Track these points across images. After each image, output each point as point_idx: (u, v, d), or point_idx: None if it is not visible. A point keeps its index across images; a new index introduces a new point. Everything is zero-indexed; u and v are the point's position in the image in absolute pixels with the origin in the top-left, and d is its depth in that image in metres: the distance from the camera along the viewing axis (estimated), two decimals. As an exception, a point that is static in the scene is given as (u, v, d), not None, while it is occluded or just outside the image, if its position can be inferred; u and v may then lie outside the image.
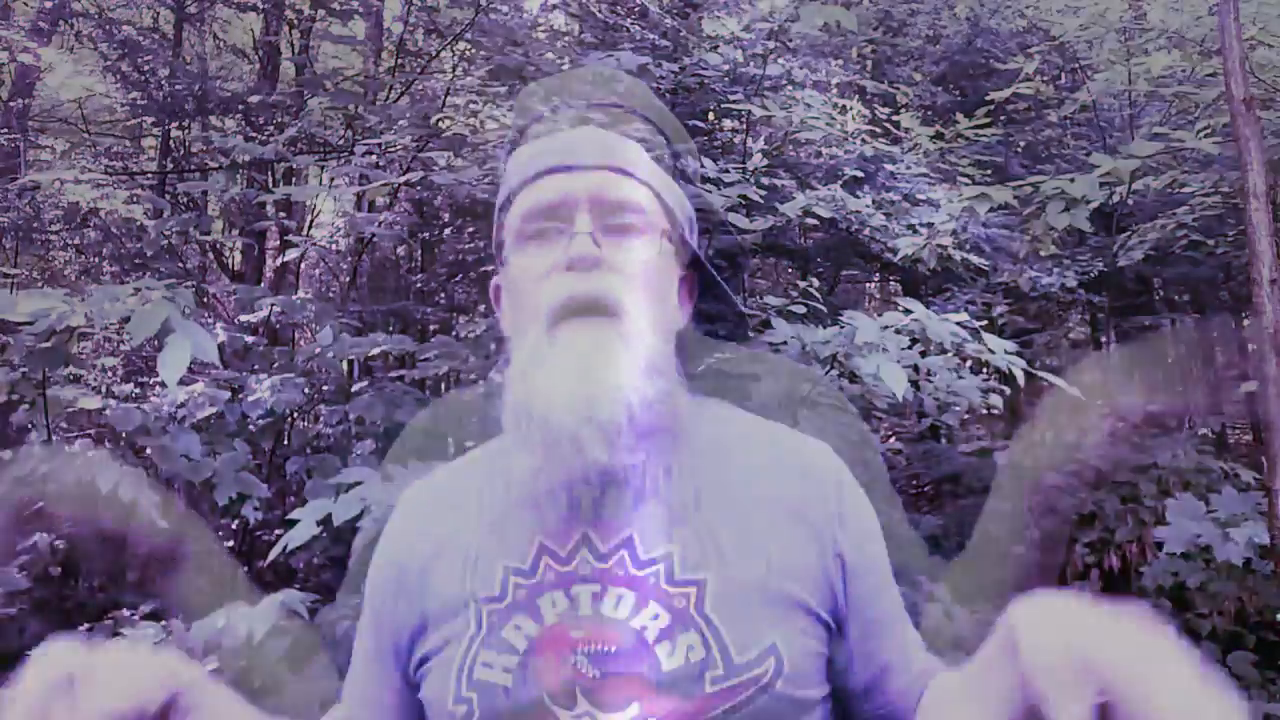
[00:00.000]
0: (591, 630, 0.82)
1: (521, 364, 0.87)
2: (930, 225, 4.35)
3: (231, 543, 5.49)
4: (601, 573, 0.84)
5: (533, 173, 0.94)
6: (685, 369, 0.94)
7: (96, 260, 7.41)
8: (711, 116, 5.71)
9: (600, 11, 5.65)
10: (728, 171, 3.74)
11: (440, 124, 4.88)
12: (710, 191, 3.51)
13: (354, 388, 3.99)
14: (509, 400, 0.88)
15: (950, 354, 2.99)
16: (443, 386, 6.40)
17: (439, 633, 0.88)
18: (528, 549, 0.87)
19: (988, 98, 5.00)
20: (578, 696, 0.80)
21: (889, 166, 5.35)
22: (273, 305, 4.11)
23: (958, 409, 3.39)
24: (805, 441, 0.97)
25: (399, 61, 5.67)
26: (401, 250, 8.06)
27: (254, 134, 5.73)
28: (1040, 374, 3.14)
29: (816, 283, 4.23)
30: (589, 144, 0.96)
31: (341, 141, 5.72)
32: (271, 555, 2.66)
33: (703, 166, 3.68)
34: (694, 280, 1.03)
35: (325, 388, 4.17)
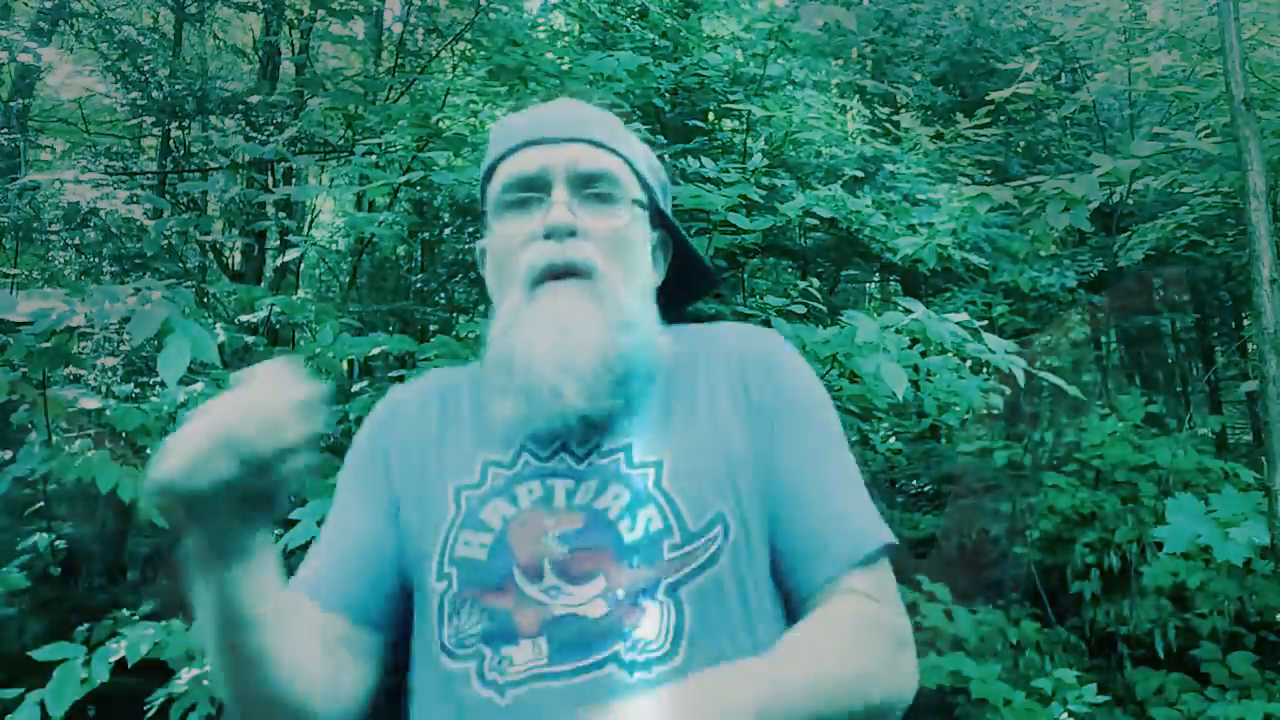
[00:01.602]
0: (561, 516, 0.91)
1: (503, 322, 0.96)
2: (930, 225, 4.35)
3: (231, 543, 5.48)
4: (575, 471, 0.93)
5: (513, 144, 1.02)
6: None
7: (96, 260, 7.41)
8: (711, 116, 5.71)
9: (600, 11, 5.65)
10: (728, 171, 3.73)
11: (440, 124, 4.88)
12: (710, 191, 3.50)
13: (354, 388, 3.98)
14: (491, 355, 0.97)
15: (950, 354, 2.99)
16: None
17: (420, 511, 0.97)
18: (507, 448, 0.97)
19: (988, 98, 4.99)
20: (545, 570, 0.88)
21: (889, 166, 5.35)
22: (273, 305, 4.10)
23: (958, 409, 3.39)
24: (741, 328, 1.08)
25: (399, 61, 5.67)
26: (401, 250, 8.05)
27: (254, 134, 5.72)
28: (1040, 374, 3.14)
29: (816, 283, 4.23)
30: (565, 117, 1.04)
31: (341, 141, 5.71)
32: (271, 555, 2.65)
33: (701, 165, 3.67)
34: (667, 240, 1.11)
35: (325, 388, 4.16)
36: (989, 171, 6.36)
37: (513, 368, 0.92)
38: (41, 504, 4.39)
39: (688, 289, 1.16)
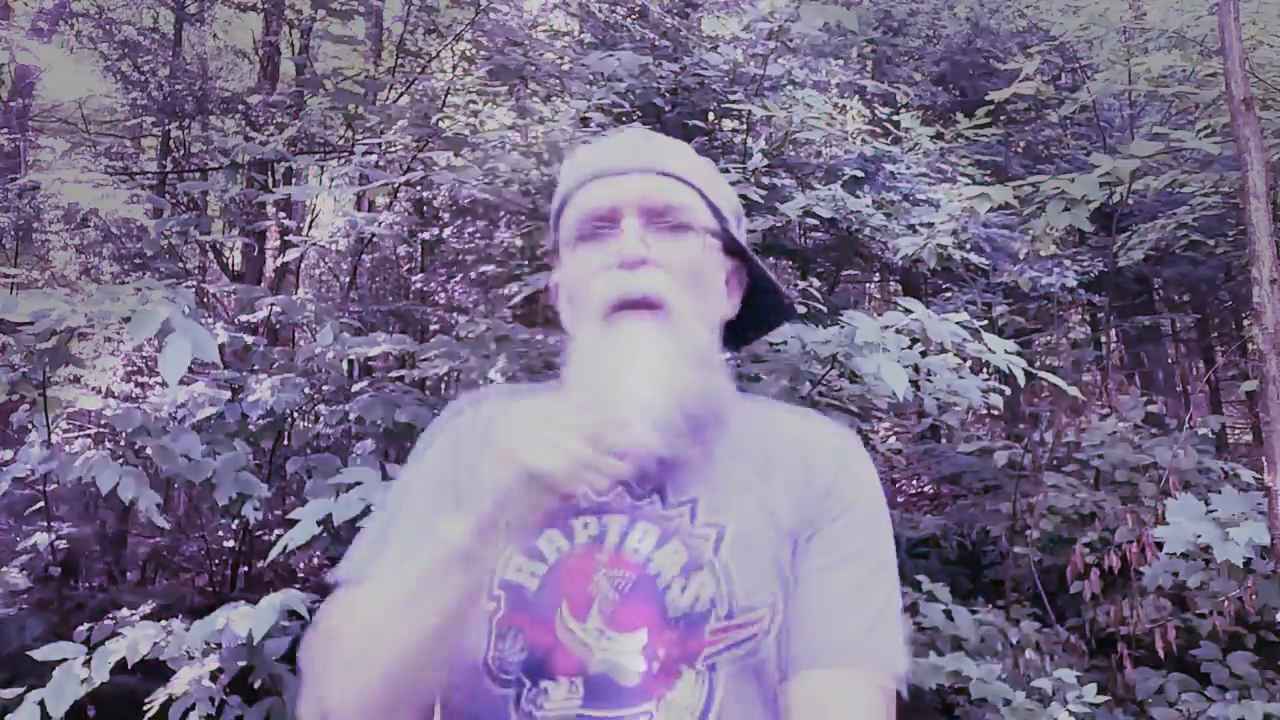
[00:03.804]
0: (614, 558, 0.90)
1: (578, 357, 0.94)
2: (930, 225, 4.35)
3: (231, 543, 5.49)
4: (633, 509, 0.93)
5: (585, 177, 1.01)
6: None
7: (96, 260, 7.41)
8: (711, 116, 5.71)
9: (600, 11, 5.65)
10: (728, 171, 3.74)
11: (440, 124, 4.88)
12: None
13: (354, 388, 3.98)
14: (569, 389, 0.94)
15: (950, 354, 2.99)
16: (443, 386, 6.40)
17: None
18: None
19: (988, 98, 4.99)
20: (593, 612, 0.88)
21: (889, 166, 5.35)
22: (273, 305, 4.11)
23: (958, 409, 3.39)
24: (829, 423, 1.05)
25: (399, 61, 5.67)
26: (401, 250, 8.06)
27: (254, 134, 5.72)
28: (1040, 374, 3.14)
29: (816, 283, 4.23)
30: (636, 149, 1.03)
31: (341, 141, 5.72)
32: (271, 555, 2.66)
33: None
34: (741, 270, 1.08)
35: (325, 388, 4.17)
36: (989, 171, 6.36)
37: (587, 405, 0.90)
38: (41, 504, 4.39)
39: (761, 319, 1.14)
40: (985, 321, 4.84)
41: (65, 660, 2.50)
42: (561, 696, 0.86)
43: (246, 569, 5.10)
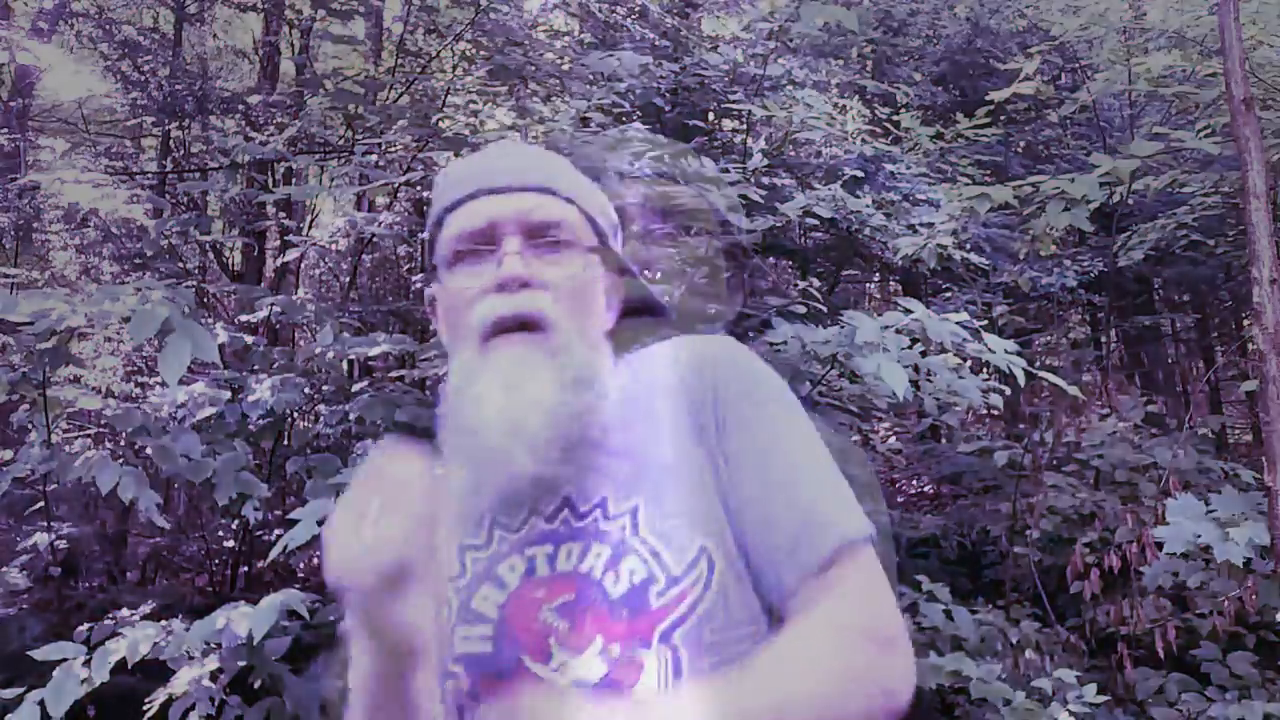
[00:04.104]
0: (551, 586, 0.89)
1: (456, 381, 0.94)
2: (930, 225, 4.35)
3: (231, 543, 5.49)
4: (550, 533, 0.92)
5: (461, 195, 0.99)
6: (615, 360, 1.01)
7: (96, 260, 7.41)
8: (711, 116, 5.71)
9: (600, 11, 5.65)
10: (728, 171, 3.74)
11: (440, 124, 4.88)
12: (710, 191, 3.50)
13: (354, 388, 3.98)
14: (445, 415, 0.94)
15: (950, 354, 2.99)
16: (442, 387, 6.39)
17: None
18: (478, 527, 0.96)
19: (988, 98, 4.99)
20: (552, 649, 0.87)
21: (889, 166, 5.35)
22: (273, 305, 4.11)
23: (958, 409, 3.39)
24: (682, 344, 1.02)
25: (399, 61, 5.67)
26: (401, 250, 8.05)
27: (254, 134, 5.72)
28: (1040, 374, 3.14)
29: (816, 283, 4.24)
30: (512, 165, 1.01)
31: (341, 141, 5.72)
32: (271, 555, 2.66)
33: (702, 165, 3.67)
34: (619, 281, 1.07)
35: (325, 388, 4.17)
36: (989, 171, 6.36)
37: (463, 429, 0.91)
38: (41, 504, 4.39)
39: (642, 323, 1.13)
40: (985, 321, 4.84)
41: (65, 660, 2.50)
42: None
43: (246, 569, 5.10)
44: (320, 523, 2.52)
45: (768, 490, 0.91)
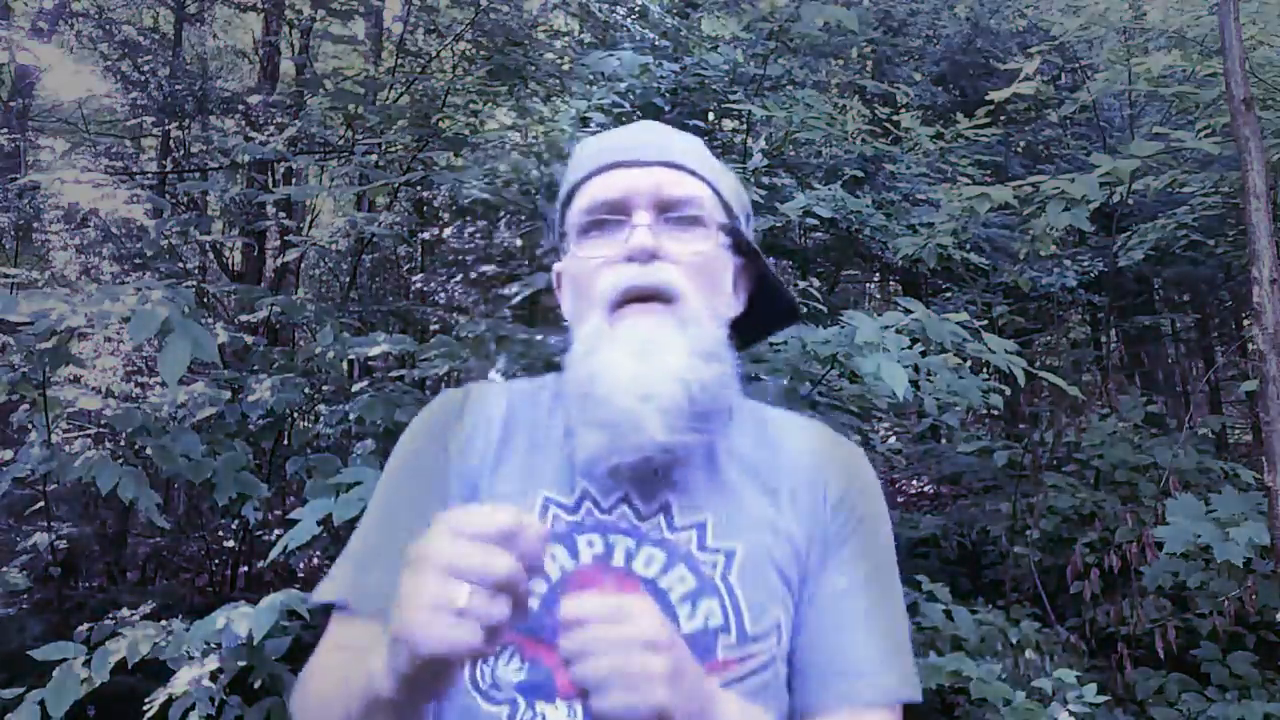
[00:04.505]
0: (619, 581, 0.87)
1: (583, 345, 0.92)
2: (930, 225, 4.35)
3: (231, 543, 5.49)
4: (638, 530, 0.90)
5: (595, 167, 0.99)
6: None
7: (96, 260, 7.41)
8: (711, 116, 5.71)
9: (600, 11, 5.65)
10: (728, 171, 3.73)
11: (440, 124, 4.88)
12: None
13: (354, 388, 3.98)
14: (570, 380, 0.93)
15: (950, 354, 2.99)
16: (443, 386, 6.39)
17: None
18: (571, 488, 0.92)
19: (988, 98, 4.99)
20: None
21: (889, 166, 5.36)
22: (273, 305, 4.10)
23: (958, 409, 3.38)
24: (832, 433, 1.03)
25: (399, 61, 5.67)
26: (401, 250, 8.05)
27: (254, 134, 5.72)
28: (1040, 374, 3.14)
29: (816, 283, 4.23)
30: (649, 141, 1.00)
31: (341, 141, 5.72)
32: (271, 555, 2.66)
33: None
34: (749, 270, 1.07)
35: (325, 388, 4.17)
36: (989, 171, 6.36)
37: (593, 395, 0.89)
38: (41, 504, 4.39)
39: (766, 319, 1.12)
40: (985, 321, 4.84)
41: (65, 660, 2.50)
42: None
43: (246, 569, 5.10)
44: (320, 523, 2.52)
45: (845, 613, 0.91)
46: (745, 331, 1.06)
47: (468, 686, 0.87)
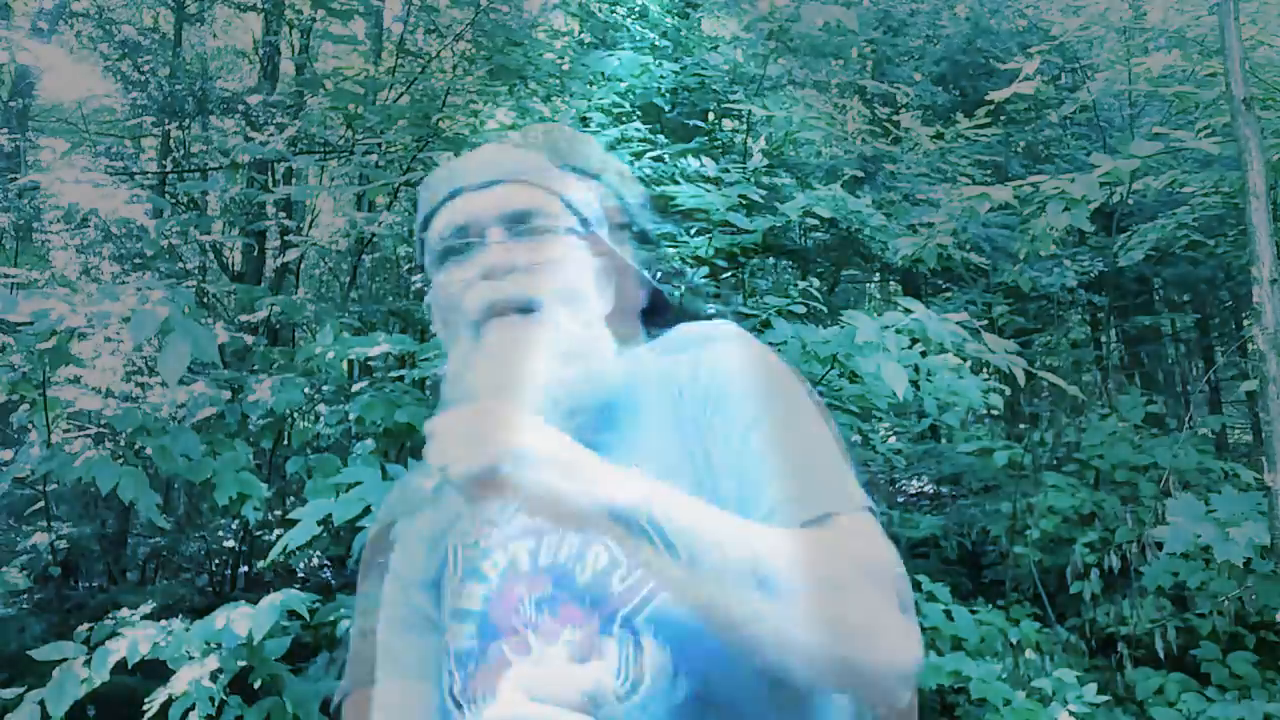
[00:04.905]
0: (531, 581, 0.91)
1: (452, 369, 0.97)
2: (930, 225, 4.35)
3: (231, 543, 5.49)
4: (533, 529, 0.93)
5: (444, 195, 1.03)
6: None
7: (96, 260, 7.41)
8: (711, 116, 5.71)
9: (600, 11, 5.65)
10: (728, 171, 3.74)
11: (440, 124, 4.88)
12: (710, 191, 3.50)
13: (354, 388, 3.98)
14: (443, 400, 0.96)
15: (950, 354, 2.99)
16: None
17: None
18: (471, 523, 0.99)
19: (988, 98, 4.98)
20: (531, 643, 0.89)
21: (889, 166, 5.35)
22: (273, 305, 4.11)
23: (958, 409, 3.39)
24: (679, 330, 1.03)
25: (399, 61, 5.67)
26: (401, 250, 8.05)
27: (254, 134, 5.72)
28: (1040, 374, 3.14)
29: (816, 283, 4.23)
30: (489, 161, 1.05)
31: (341, 141, 5.72)
32: (271, 555, 2.66)
33: (702, 165, 3.67)
34: (611, 265, 1.09)
35: (325, 388, 4.17)
36: (989, 171, 6.35)
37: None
38: (41, 504, 4.39)
39: (655, 308, 1.15)
40: (985, 321, 4.84)
41: (65, 660, 2.51)
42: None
43: (246, 569, 5.10)
44: (320, 523, 2.52)
45: (745, 462, 0.87)
46: (653, 321, 1.10)
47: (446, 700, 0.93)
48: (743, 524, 0.79)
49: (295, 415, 4.40)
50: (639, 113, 4.74)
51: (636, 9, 5.66)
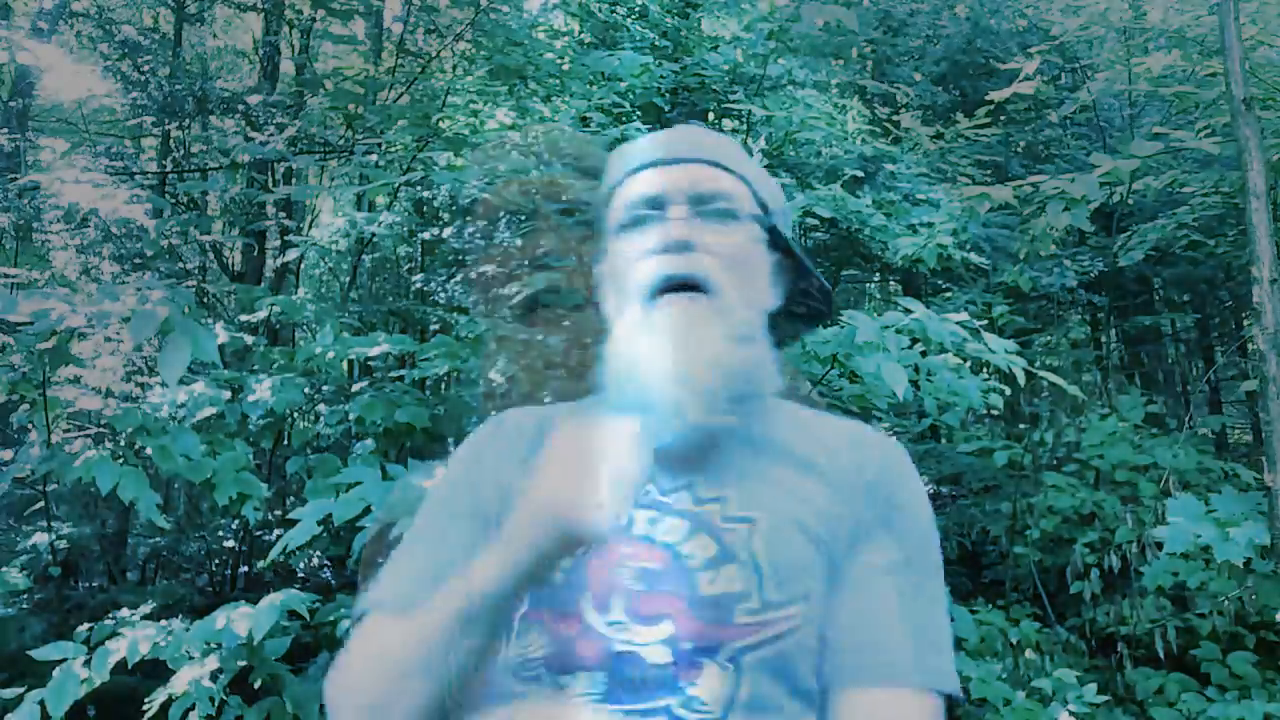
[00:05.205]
0: (641, 549, 0.89)
1: (623, 336, 0.95)
2: (930, 225, 4.35)
3: (231, 543, 5.49)
4: (660, 504, 0.92)
5: (633, 167, 1.03)
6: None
7: (96, 260, 7.40)
8: (711, 116, 5.71)
9: (600, 11, 5.65)
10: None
11: (440, 124, 4.88)
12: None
13: (354, 388, 3.98)
14: (609, 370, 0.96)
15: (950, 354, 2.99)
16: (443, 386, 6.40)
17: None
18: None
19: (988, 98, 4.99)
20: (614, 604, 0.87)
21: (889, 166, 5.35)
22: (273, 305, 4.10)
23: (958, 409, 3.38)
24: (878, 430, 1.05)
25: (399, 61, 5.67)
26: (402, 250, 8.05)
27: (254, 134, 5.72)
28: (1040, 374, 3.14)
29: (816, 283, 4.22)
30: (684, 139, 1.05)
31: (341, 141, 5.71)
32: (271, 555, 2.66)
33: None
34: (785, 265, 1.09)
35: (325, 388, 4.17)
36: (989, 171, 6.36)
37: (632, 380, 0.92)
38: (41, 504, 4.39)
39: (803, 315, 1.14)
40: (985, 321, 4.83)
41: (65, 660, 2.51)
42: (581, 690, 0.84)
43: (246, 569, 5.10)
44: (320, 523, 2.52)
45: (872, 593, 0.90)
46: (784, 326, 1.09)
47: (501, 665, 0.89)
48: None
49: (295, 415, 4.40)
50: (639, 113, 4.74)
51: (636, 9, 5.66)
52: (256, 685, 2.81)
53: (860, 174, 4.88)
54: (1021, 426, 6.21)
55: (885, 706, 0.85)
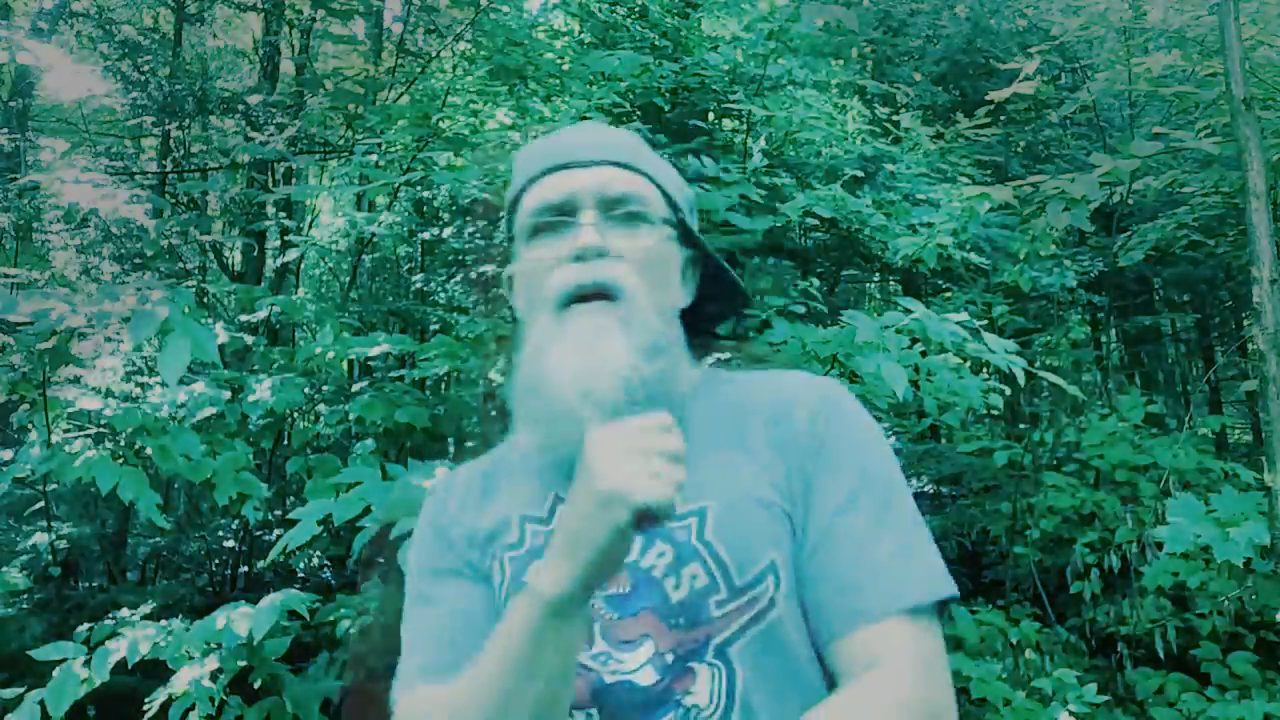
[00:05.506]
0: None
1: (531, 347, 0.95)
2: (930, 225, 4.35)
3: (231, 543, 5.49)
4: None
5: (539, 170, 1.01)
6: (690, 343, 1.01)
7: (96, 260, 7.40)
8: (711, 116, 5.70)
9: (600, 11, 5.65)
10: (728, 171, 3.73)
11: (440, 124, 4.88)
12: (710, 191, 3.50)
13: (354, 388, 3.98)
14: (518, 380, 0.95)
15: (950, 354, 2.99)
16: (443, 386, 6.40)
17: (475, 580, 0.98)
18: (543, 500, 0.97)
19: (988, 98, 4.98)
20: (595, 636, 0.87)
21: (889, 166, 5.35)
22: (273, 305, 4.11)
23: (958, 409, 3.38)
24: (800, 375, 1.03)
25: (399, 61, 5.67)
26: (402, 250, 8.05)
27: (254, 134, 5.72)
28: (1040, 374, 3.14)
29: (816, 283, 4.23)
30: (590, 140, 1.02)
31: (341, 141, 5.72)
32: (271, 555, 2.66)
33: (702, 165, 3.67)
34: (697, 260, 1.08)
35: (325, 388, 4.17)
36: (989, 171, 6.35)
37: (536, 392, 0.92)
38: (41, 504, 4.40)
39: (718, 308, 1.13)
40: (985, 321, 4.83)
41: (65, 660, 2.51)
42: None
43: (246, 569, 5.10)
44: (320, 523, 2.52)
45: (834, 535, 0.89)
46: (701, 319, 1.08)
47: None
48: None
49: (295, 415, 4.40)
50: (639, 113, 4.74)
51: (636, 9, 5.66)
52: (256, 685, 2.81)
53: (860, 174, 4.88)
54: (1021, 426, 6.21)
55: (873, 644, 0.84)
